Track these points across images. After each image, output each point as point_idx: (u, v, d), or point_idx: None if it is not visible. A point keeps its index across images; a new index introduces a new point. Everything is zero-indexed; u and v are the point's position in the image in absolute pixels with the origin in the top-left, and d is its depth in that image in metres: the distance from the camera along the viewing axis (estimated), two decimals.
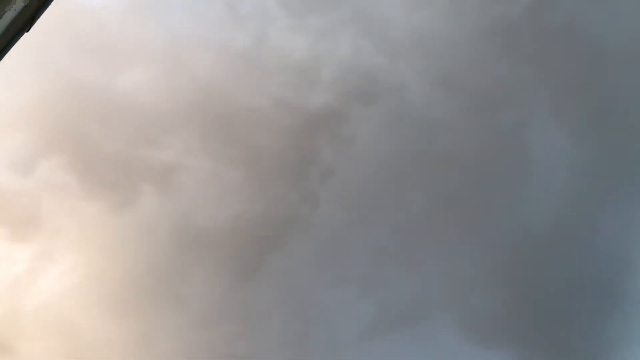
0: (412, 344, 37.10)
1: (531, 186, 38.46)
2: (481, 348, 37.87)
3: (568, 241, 38.12)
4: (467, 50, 38.98)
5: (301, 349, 36.61)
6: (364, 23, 39.78)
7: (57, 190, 37.20)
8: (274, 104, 38.99)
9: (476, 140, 38.83)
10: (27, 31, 3.94)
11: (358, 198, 40.38)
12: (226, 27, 39.70)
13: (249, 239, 37.87)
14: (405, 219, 39.92)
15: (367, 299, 38.51)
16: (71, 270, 37.44)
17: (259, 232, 38.11)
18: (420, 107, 39.86)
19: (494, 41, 38.53)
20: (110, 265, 36.65)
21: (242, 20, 39.79)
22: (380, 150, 40.34)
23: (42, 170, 36.93)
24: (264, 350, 36.14)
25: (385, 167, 40.63)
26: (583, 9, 37.24)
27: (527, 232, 37.91)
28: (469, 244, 38.92)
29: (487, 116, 39.42)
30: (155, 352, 35.41)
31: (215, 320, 36.62)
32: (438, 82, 39.46)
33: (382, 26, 39.89)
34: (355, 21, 40.11)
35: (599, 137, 38.91)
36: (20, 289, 36.43)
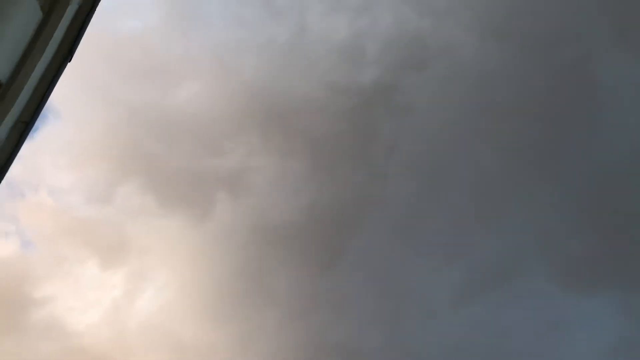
0: (508, 302, 36.40)
1: (603, 120, 36.68)
2: (580, 296, 36.66)
3: None
4: None
5: (397, 325, 36.67)
6: None
7: (137, 212, 38.80)
8: (325, 89, 38.97)
9: (538, 84, 37.38)
10: (69, 61, 4.16)
11: (426, 166, 39.85)
12: (265, 24, 40.00)
13: (326, 226, 38.19)
14: (478, 178, 39.07)
15: (454, 265, 38.07)
16: (165, 285, 39.04)
17: (334, 218, 38.34)
18: (474, 63, 38.77)
19: None
20: (201, 274, 37.93)
21: (279, 15, 39.96)
22: (440, 114, 39.58)
23: (120, 196, 38.61)
24: (360, 333, 36.45)
25: (448, 130, 39.87)
26: None
27: (606, 169, 36.23)
28: (549, 191, 37.64)
29: (546, 57, 37.84)
30: (257, 349, 36.42)
31: (308, 310, 37.22)
32: (488, 33, 38.22)
33: None
34: None
35: None
36: (121, 311, 38.35)
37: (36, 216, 39.35)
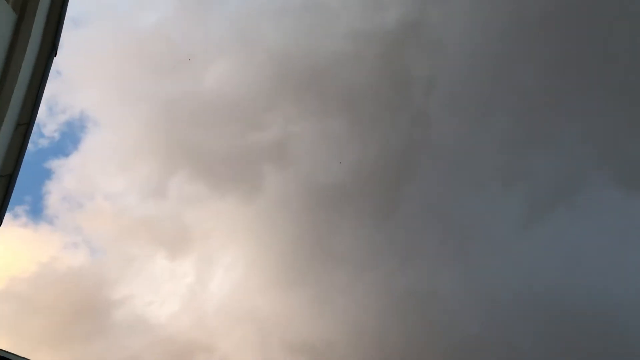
0: (575, 217, 35.49)
1: None
2: None
3: None
4: None
5: (464, 262, 36.45)
6: None
7: (192, 200, 39.65)
8: (351, 41, 38.29)
9: None
10: (54, 55, 4.14)
11: (467, 98, 38.86)
12: None
13: (377, 179, 38.02)
14: (522, 99, 37.86)
15: (513, 191, 37.30)
16: (233, 264, 40.02)
17: (383, 168, 38.10)
18: None
19: None
20: (264, 247, 38.63)
21: None
22: (472, 41, 38.34)
23: (173, 188, 39.49)
24: (431, 276, 36.44)
25: (483, 56, 38.61)
26: None
27: None
28: (599, 95, 36.07)
29: None
30: (333, 308, 37.04)
31: (375, 263, 37.44)
32: None
33: None
34: None
35: None
36: (197, 296, 39.62)
37: (98, 223, 40.81)
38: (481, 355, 32.98)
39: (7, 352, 10.47)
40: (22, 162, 3.29)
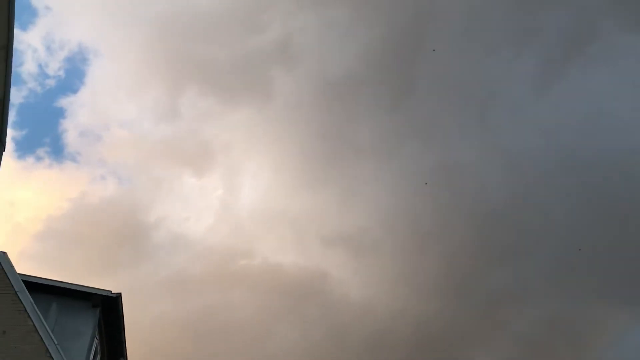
0: (591, 68, 34.54)
1: None
2: None
3: None
4: None
5: (485, 129, 36.25)
6: None
7: (206, 115, 39.59)
8: None
9: None
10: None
11: None
12: None
13: (388, 61, 37.16)
14: None
15: (526, 52, 36.26)
16: (259, 170, 40.54)
17: (393, 49, 37.06)
18: None
19: None
20: (287, 149, 38.86)
21: None
22: None
23: (185, 107, 39.33)
24: (453, 150, 36.44)
25: None
26: None
27: None
28: None
29: None
30: (362, 198, 37.68)
31: (396, 147, 37.47)
32: None
33: None
34: None
35: None
36: (230, 206, 40.58)
37: (119, 152, 41.27)
38: (513, 219, 33.57)
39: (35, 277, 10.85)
40: (10, 86, 3.22)
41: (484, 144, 36.18)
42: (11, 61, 3.20)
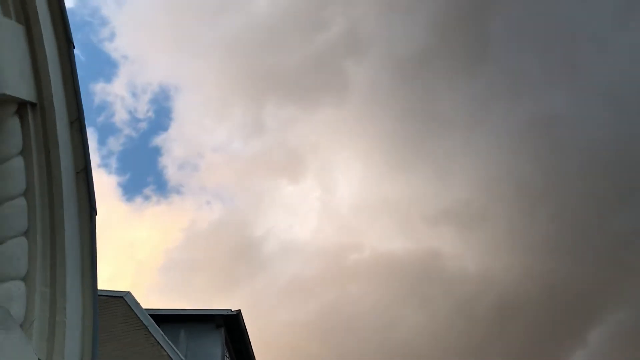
0: None
1: None
2: None
3: None
4: None
5: (576, 72, 34.24)
6: None
7: (289, 123, 40.34)
8: None
9: None
10: (74, 47, 4.14)
11: None
12: None
13: (458, 26, 36.09)
14: None
15: None
16: (350, 165, 40.77)
17: (460, 12, 35.93)
18: None
19: None
20: (373, 138, 38.76)
21: None
22: None
23: (268, 118, 40.31)
24: (545, 102, 34.75)
25: None
26: None
27: None
28: None
29: None
30: (459, 171, 36.89)
31: (484, 112, 36.32)
32: None
33: None
34: None
35: None
36: (330, 205, 41.11)
37: (218, 175, 42.98)
38: (622, 158, 31.59)
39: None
40: (89, 156, 3.50)
41: (575, 88, 34.25)
42: (85, 131, 3.50)
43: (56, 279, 2.86)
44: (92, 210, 3.20)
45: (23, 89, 3.34)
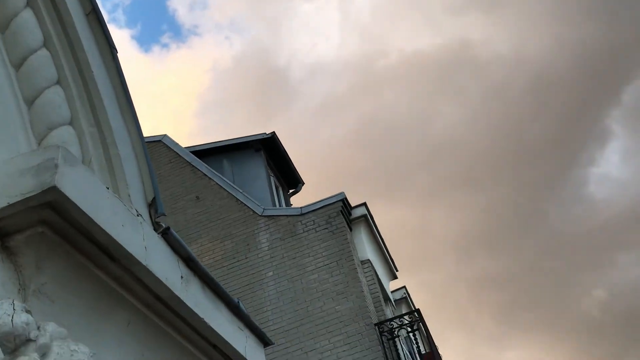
0: None
1: None
2: None
3: None
4: None
5: None
6: None
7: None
8: None
9: None
10: (116, 51, 3.73)
11: None
12: None
13: None
14: None
15: None
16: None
17: None
18: None
19: None
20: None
21: None
22: None
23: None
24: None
25: None
26: None
27: None
28: None
29: None
30: None
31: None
32: None
33: None
34: None
35: None
36: (350, 13, 39.57)
37: (228, 8, 41.37)
38: None
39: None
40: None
41: None
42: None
43: (99, 119, 3.01)
44: (112, 49, 3.24)
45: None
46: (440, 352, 10.33)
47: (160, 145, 11.96)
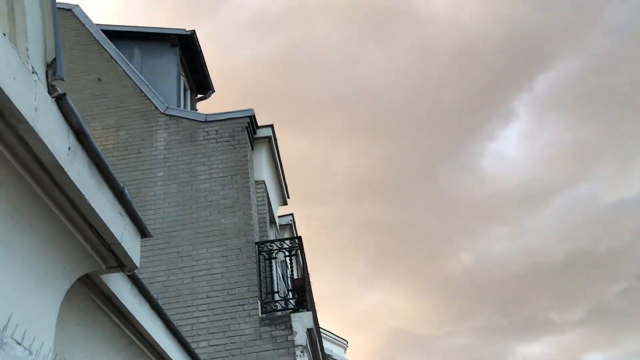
0: None
1: None
2: None
3: None
4: None
5: None
6: None
7: None
8: None
9: None
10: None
11: None
12: None
13: None
14: None
15: None
16: None
17: None
18: None
19: None
20: None
21: None
22: None
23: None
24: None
25: None
26: None
27: None
28: None
29: None
30: None
31: None
32: None
33: None
34: None
35: None
36: None
37: None
38: None
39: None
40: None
41: None
42: None
43: None
44: None
45: None
46: (311, 281, 10.73)
47: (70, 15, 11.08)
